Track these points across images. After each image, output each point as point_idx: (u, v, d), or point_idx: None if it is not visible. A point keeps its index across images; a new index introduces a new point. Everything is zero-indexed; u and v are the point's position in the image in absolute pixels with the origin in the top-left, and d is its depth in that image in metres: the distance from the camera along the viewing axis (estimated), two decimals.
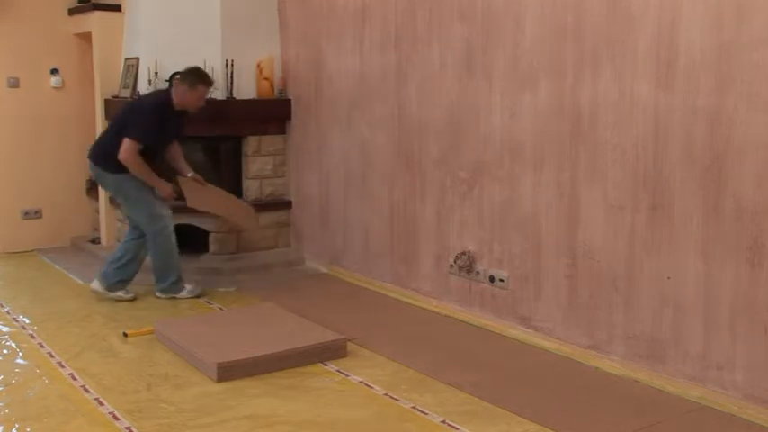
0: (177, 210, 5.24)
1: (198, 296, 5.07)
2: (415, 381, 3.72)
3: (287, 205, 6.13)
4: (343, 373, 3.82)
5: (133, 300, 4.99)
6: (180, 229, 5.79)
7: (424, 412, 3.37)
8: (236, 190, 5.95)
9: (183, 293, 5.06)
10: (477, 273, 4.57)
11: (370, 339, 4.27)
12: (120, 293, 5.00)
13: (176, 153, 5.21)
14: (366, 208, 5.40)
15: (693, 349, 3.54)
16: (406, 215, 5.09)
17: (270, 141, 6.03)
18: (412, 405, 3.44)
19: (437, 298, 4.87)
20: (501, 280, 4.42)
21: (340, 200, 5.65)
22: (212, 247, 5.80)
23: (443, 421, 3.28)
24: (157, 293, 5.06)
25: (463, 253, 4.64)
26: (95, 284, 5.02)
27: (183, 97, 4.91)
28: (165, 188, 4.90)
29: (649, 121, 3.62)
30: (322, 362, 3.95)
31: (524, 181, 4.25)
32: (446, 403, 3.46)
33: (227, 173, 5.98)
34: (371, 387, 3.65)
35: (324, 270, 5.84)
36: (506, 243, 4.39)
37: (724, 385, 3.43)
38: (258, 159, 5.99)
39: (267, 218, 6.03)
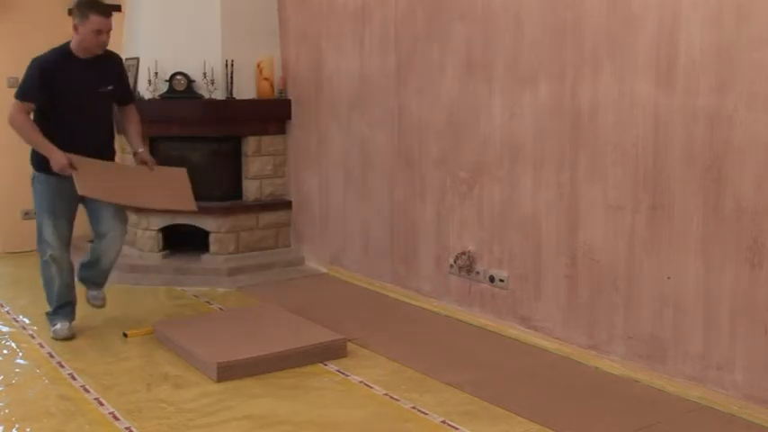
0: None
1: (64, 338, 4.24)
2: (414, 381, 3.72)
3: (287, 205, 6.12)
4: (343, 373, 3.82)
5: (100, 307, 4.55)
6: (179, 229, 5.81)
7: (424, 412, 3.37)
8: (236, 190, 5.96)
9: (51, 330, 4.30)
10: (477, 273, 4.57)
11: (370, 339, 4.27)
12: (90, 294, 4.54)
13: (128, 123, 4.42)
14: (366, 208, 5.40)
15: (693, 349, 3.54)
16: (406, 215, 5.09)
17: (270, 141, 6.03)
18: (412, 405, 3.44)
19: (437, 298, 4.87)
20: (501, 280, 4.42)
21: (340, 200, 5.65)
22: (212, 248, 5.80)
23: (443, 421, 3.28)
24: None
25: (463, 253, 4.64)
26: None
27: (79, 38, 4.08)
28: (58, 159, 3.97)
29: (649, 121, 3.62)
30: (322, 362, 3.95)
31: (524, 181, 4.24)
32: (446, 403, 3.46)
33: (226, 173, 5.98)
34: (371, 387, 3.65)
35: (324, 270, 5.84)
36: (506, 243, 4.39)
37: (724, 385, 3.43)
38: (258, 159, 5.99)
39: (267, 218, 6.03)
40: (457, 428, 3.22)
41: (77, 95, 4.14)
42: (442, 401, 3.48)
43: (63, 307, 4.30)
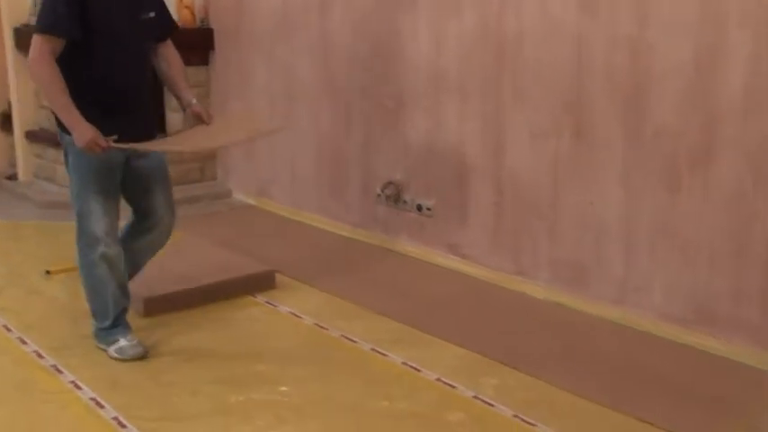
0: None
1: (137, 358, 3.23)
2: (343, 310, 3.76)
3: None
4: (271, 305, 3.84)
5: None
6: None
7: (353, 340, 3.41)
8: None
9: (111, 351, 3.24)
10: (405, 202, 4.60)
11: (299, 270, 4.28)
12: None
13: (170, 66, 3.31)
14: (293, 139, 5.35)
15: (614, 272, 3.65)
16: (333, 145, 5.07)
17: (192, 72, 5.85)
18: (341, 334, 3.48)
19: (365, 228, 4.89)
20: (428, 209, 4.46)
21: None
22: None
23: (373, 349, 3.33)
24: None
25: (390, 182, 4.65)
26: None
27: None
28: (85, 133, 2.95)
29: (573, 49, 3.65)
30: (251, 294, 3.95)
31: (450, 109, 4.26)
32: (375, 331, 3.51)
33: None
34: (300, 317, 3.68)
35: (251, 202, 5.80)
36: (433, 171, 4.42)
37: (642, 306, 3.56)
38: None
39: None
40: (386, 355, 3.28)
41: (117, 29, 3.07)
42: (371, 329, 3.53)
43: (121, 316, 3.31)
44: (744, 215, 3.18)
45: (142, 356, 3.22)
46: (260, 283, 4.03)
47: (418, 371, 3.14)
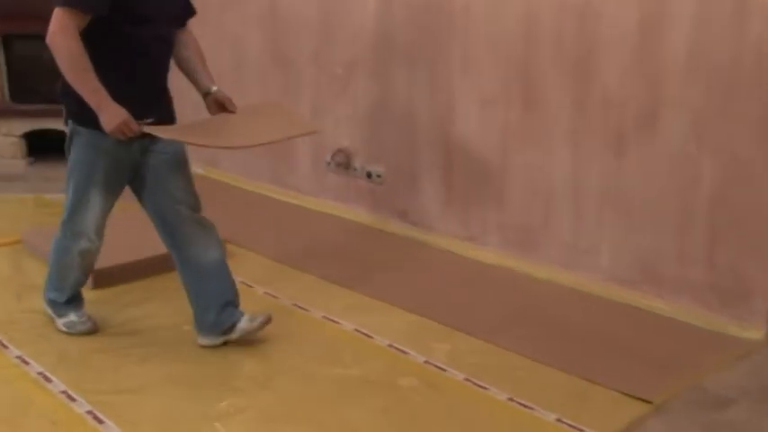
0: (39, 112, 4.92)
1: (85, 333, 3.16)
2: (295, 278, 3.74)
3: None
4: None
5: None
6: (44, 135, 5.54)
7: (304, 309, 3.40)
8: None
9: (60, 323, 3.18)
10: (355, 169, 4.58)
11: (250, 239, 4.24)
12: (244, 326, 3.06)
13: (190, 51, 3.10)
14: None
15: (563, 236, 3.69)
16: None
17: None
18: (292, 302, 3.47)
19: (315, 196, 4.87)
20: (378, 176, 4.45)
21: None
22: None
23: (324, 316, 3.33)
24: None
25: (340, 150, 4.63)
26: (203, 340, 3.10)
27: None
28: (116, 115, 2.69)
29: (521, 15, 3.65)
30: None
31: (399, 76, 4.23)
32: (327, 299, 3.50)
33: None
34: (251, 286, 3.65)
35: (200, 171, 5.71)
36: (382, 138, 4.41)
37: (591, 269, 3.61)
38: None
39: None
40: (338, 323, 3.28)
41: (144, 9, 2.80)
42: (322, 297, 3.52)
43: (76, 294, 3.23)
44: (688, 177, 3.23)
45: (90, 332, 3.16)
46: None
47: (370, 337, 3.15)
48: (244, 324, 3.01)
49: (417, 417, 2.58)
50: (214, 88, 3.06)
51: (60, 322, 3.19)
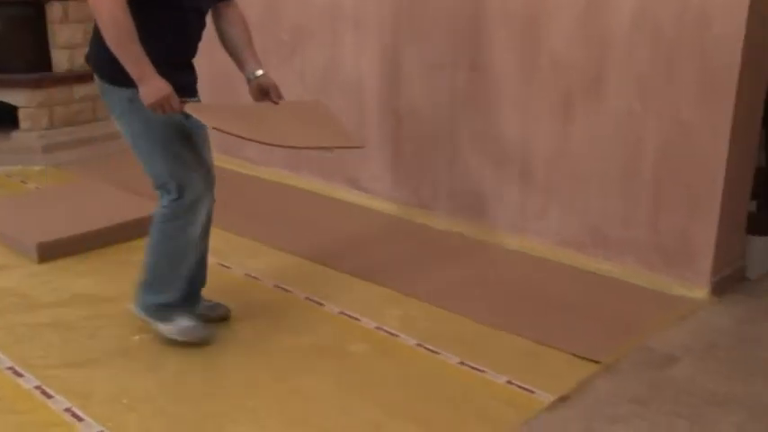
0: None
1: (197, 342, 2.82)
2: (246, 248, 3.71)
3: None
4: None
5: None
6: None
7: (255, 278, 3.39)
8: (44, 61, 5.54)
9: (170, 329, 2.81)
10: None
11: None
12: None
13: (236, 28, 2.85)
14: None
15: (512, 201, 3.72)
16: (230, 81, 4.94)
17: (78, 7, 5.59)
18: (245, 272, 3.45)
19: (265, 165, 4.82)
20: None
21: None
22: (23, 124, 5.42)
23: (276, 285, 3.31)
24: (134, 309, 2.88)
25: None
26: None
27: None
28: (158, 89, 2.50)
29: None
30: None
31: (347, 43, 4.20)
32: (279, 268, 3.49)
33: (30, 42, 5.52)
34: None
35: None
36: (331, 105, 4.34)
37: (539, 233, 3.64)
38: (66, 27, 5.56)
39: (83, 90, 5.67)
40: (290, 291, 3.27)
41: None
42: (274, 267, 3.51)
43: (193, 295, 2.93)
44: (632, 139, 3.26)
45: (211, 338, 2.84)
46: None
47: (321, 305, 3.14)
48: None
49: (369, 382, 2.59)
50: (259, 72, 2.82)
51: (169, 329, 2.80)
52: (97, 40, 2.61)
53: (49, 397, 2.50)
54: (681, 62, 3.07)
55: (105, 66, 2.62)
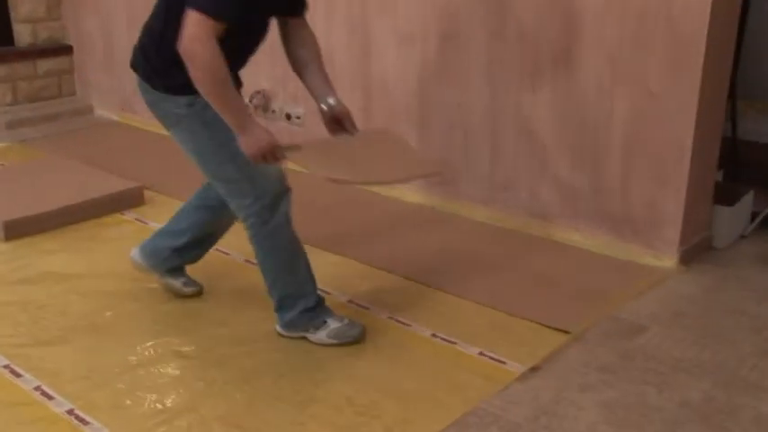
0: None
1: (358, 338, 2.68)
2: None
3: (67, 50, 5.69)
4: (142, 221, 3.73)
5: (196, 294, 3.02)
6: None
7: (226, 253, 3.37)
8: (5, 35, 5.44)
9: (320, 336, 2.66)
10: (274, 111, 4.52)
11: (169, 185, 4.16)
12: (173, 282, 2.97)
13: (308, 52, 2.71)
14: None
15: (482, 172, 3.72)
16: None
17: None
18: (214, 247, 3.42)
19: None
20: (297, 117, 4.40)
21: (124, 42, 5.31)
22: None
23: (246, 260, 3.30)
24: (279, 329, 2.72)
25: (258, 92, 4.55)
26: (136, 254, 2.96)
27: None
28: (260, 138, 2.37)
29: None
30: (119, 211, 3.83)
31: (316, 15, 4.15)
32: (248, 242, 3.46)
33: None
34: None
35: (115, 118, 5.57)
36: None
37: (510, 204, 3.66)
38: (28, 0, 5.47)
39: (46, 65, 5.59)
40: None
41: (271, 10, 2.59)
42: (242, 241, 3.46)
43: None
44: (603, 111, 3.27)
45: (360, 337, 2.68)
46: (128, 200, 3.90)
47: None
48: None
49: (339, 355, 2.60)
50: (332, 100, 2.63)
51: (321, 336, 2.65)
52: (145, 46, 2.55)
53: (18, 376, 2.47)
54: (649, 33, 3.07)
55: (159, 75, 2.52)
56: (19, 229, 3.53)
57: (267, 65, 4.48)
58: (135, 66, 2.66)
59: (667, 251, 3.23)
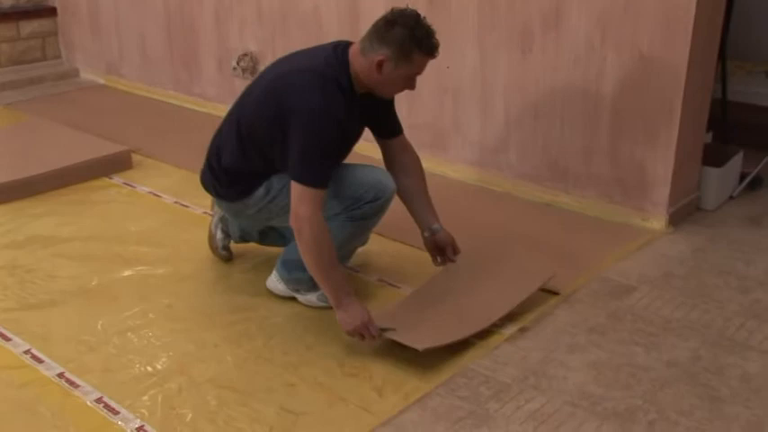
0: None
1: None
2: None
3: (51, 12, 5.62)
4: (129, 185, 3.72)
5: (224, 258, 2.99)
6: None
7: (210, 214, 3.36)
8: None
9: (310, 297, 2.67)
10: None
11: (156, 149, 4.14)
12: (219, 236, 2.97)
13: (411, 179, 2.72)
14: (139, 12, 5.06)
15: (472, 135, 3.72)
16: (183, 18, 4.84)
17: None
18: (203, 210, 3.42)
19: (222, 102, 4.74)
20: None
21: (110, 4, 5.25)
22: None
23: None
24: (271, 282, 2.74)
25: (246, 54, 4.51)
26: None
27: (379, 79, 2.43)
28: (356, 316, 2.36)
29: None
30: (107, 175, 3.81)
31: None
32: None
33: None
34: (160, 196, 3.59)
35: (101, 81, 5.52)
36: (288, 41, 4.30)
37: (500, 167, 3.65)
38: None
39: (29, 27, 5.52)
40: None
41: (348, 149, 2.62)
42: None
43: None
44: (592, 73, 3.26)
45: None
46: (116, 164, 3.88)
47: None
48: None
49: (331, 319, 2.60)
50: (435, 226, 2.69)
51: (311, 298, 2.66)
52: (210, 167, 2.67)
53: (8, 340, 2.47)
54: None
55: (231, 192, 2.64)
56: (5, 194, 3.50)
57: (255, 26, 4.44)
58: (204, 184, 2.78)
59: (656, 212, 3.24)
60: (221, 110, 4.69)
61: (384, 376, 2.29)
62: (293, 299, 2.69)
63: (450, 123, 3.76)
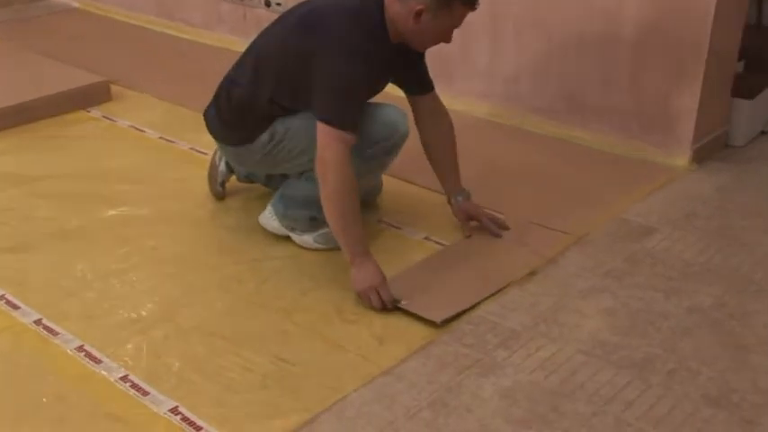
0: None
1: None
2: (190, 120, 3.65)
3: None
4: (109, 119, 3.71)
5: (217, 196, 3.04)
6: None
7: (203, 152, 3.36)
8: None
9: (306, 238, 2.71)
10: None
11: (137, 79, 4.12)
12: (222, 170, 3.02)
13: (443, 147, 2.80)
14: None
15: (481, 65, 3.69)
16: None
17: None
18: (190, 146, 3.42)
19: (208, 29, 4.72)
20: (278, 4, 4.32)
21: None
22: None
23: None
24: (264, 218, 2.76)
25: None
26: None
27: (417, 29, 2.43)
28: (368, 277, 2.38)
29: None
30: (84, 108, 3.80)
31: None
32: None
33: None
34: (143, 131, 3.58)
35: (75, 5, 5.47)
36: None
37: (510, 99, 3.64)
38: None
39: None
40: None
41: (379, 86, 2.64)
42: None
43: None
44: None
45: None
46: (93, 96, 3.87)
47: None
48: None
49: (329, 263, 2.62)
50: (460, 198, 2.77)
51: (307, 239, 2.70)
52: (217, 106, 2.70)
53: None
54: None
55: (235, 136, 2.66)
56: None
57: None
58: (206, 115, 2.80)
59: (679, 148, 3.24)
60: (206, 37, 4.69)
61: (385, 323, 2.32)
62: (288, 240, 2.71)
63: (457, 52, 3.74)
